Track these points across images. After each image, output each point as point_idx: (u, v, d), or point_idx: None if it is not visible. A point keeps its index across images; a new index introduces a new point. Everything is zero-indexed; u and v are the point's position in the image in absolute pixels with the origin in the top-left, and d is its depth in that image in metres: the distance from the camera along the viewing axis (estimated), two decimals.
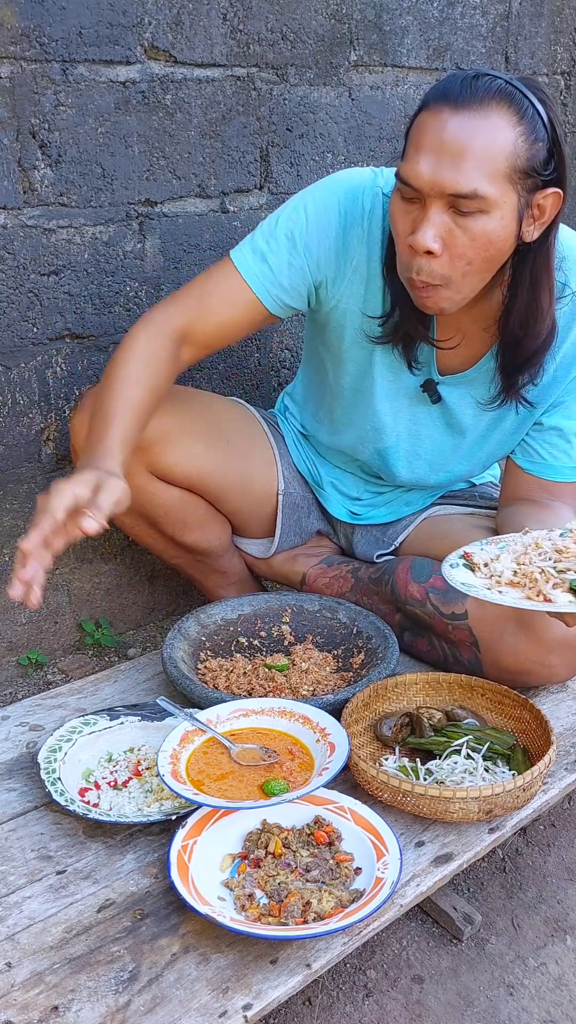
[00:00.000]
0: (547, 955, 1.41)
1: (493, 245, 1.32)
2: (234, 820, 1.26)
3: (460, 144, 1.25)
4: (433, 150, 1.27)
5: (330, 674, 1.62)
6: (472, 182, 1.26)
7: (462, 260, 1.32)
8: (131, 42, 1.66)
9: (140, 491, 1.63)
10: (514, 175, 1.28)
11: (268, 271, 1.52)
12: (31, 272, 1.65)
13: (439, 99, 1.28)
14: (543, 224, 1.34)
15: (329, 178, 1.53)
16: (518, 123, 1.26)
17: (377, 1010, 1.30)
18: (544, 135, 1.29)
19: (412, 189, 1.30)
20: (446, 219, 1.30)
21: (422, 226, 1.30)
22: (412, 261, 1.34)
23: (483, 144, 1.25)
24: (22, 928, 1.16)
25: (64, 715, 1.56)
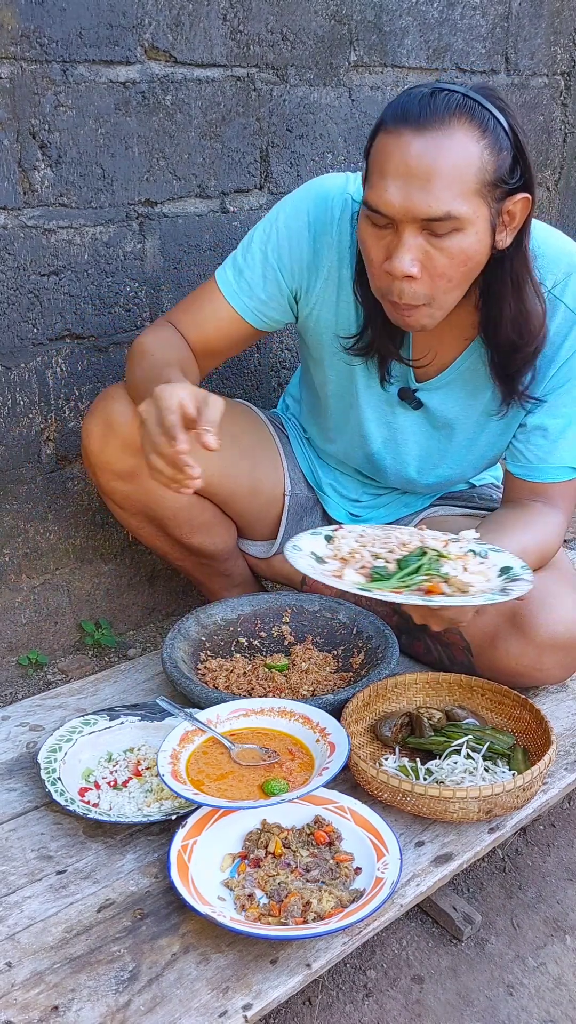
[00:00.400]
0: (547, 955, 1.41)
1: (471, 260, 1.32)
2: (234, 820, 1.26)
3: (427, 167, 1.23)
4: (400, 175, 1.25)
5: (330, 674, 1.62)
6: (444, 204, 1.25)
7: (443, 279, 1.32)
8: (131, 42, 1.66)
9: (149, 493, 1.63)
10: (484, 189, 1.27)
11: (246, 286, 1.54)
12: (31, 273, 1.66)
13: (398, 120, 1.25)
14: (515, 229, 1.34)
15: (303, 186, 1.54)
16: (481, 136, 1.25)
17: (377, 1010, 1.30)
18: (507, 143, 1.28)
19: (383, 216, 1.28)
20: (421, 241, 1.29)
21: (398, 252, 1.29)
22: (392, 286, 1.33)
23: (451, 164, 1.24)
24: (22, 928, 1.16)
25: (64, 715, 1.56)
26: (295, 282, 1.54)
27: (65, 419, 1.79)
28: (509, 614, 1.50)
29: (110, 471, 1.59)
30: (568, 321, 1.45)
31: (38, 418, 1.75)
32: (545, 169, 2.63)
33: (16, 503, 1.77)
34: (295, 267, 1.52)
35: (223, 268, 1.57)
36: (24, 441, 1.74)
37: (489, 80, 2.35)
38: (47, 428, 1.77)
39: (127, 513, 1.69)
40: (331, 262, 1.50)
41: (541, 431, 1.52)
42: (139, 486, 1.62)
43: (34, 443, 1.76)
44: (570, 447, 1.52)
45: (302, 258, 1.51)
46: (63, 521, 1.86)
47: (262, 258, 1.52)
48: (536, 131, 2.55)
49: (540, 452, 1.53)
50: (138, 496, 1.64)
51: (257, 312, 1.56)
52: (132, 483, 1.61)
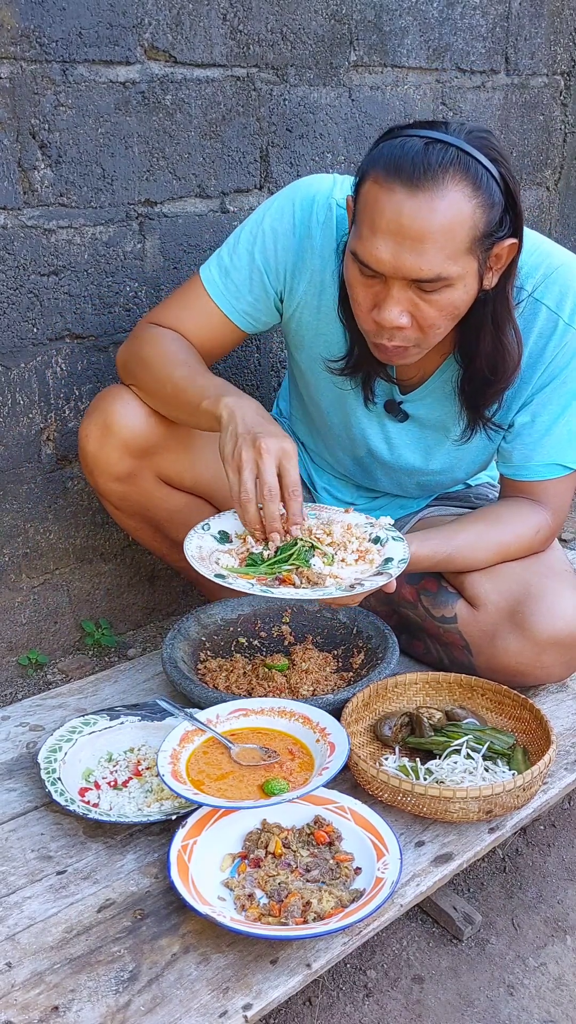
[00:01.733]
0: (547, 955, 1.41)
1: (459, 309, 1.32)
2: (234, 820, 1.26)
3: (420, 229, 1.22)
4: (391, 234, 1.24)
5: (330, 674, 1.62)
6: (435, 267, 1.24)
7: (432, 328, 1.32)
8: (131, 42, 1.66)
9: (147, 494, 1.64)
10: (474, 245, 1.26)
11: (234, 288, 1.53)
12: (31, 272, 1.65)
13: (391, 175, 1.23)
14: (500, 270, 1.34)
15: (289, 187, 1.54)
16: (475, 194, 1.23)
17: (377, 1010, 1.30)
18: (499, 195, 1.26)
19: (372, 270, 1.28)
20: (410, 295, 1.28)
21: (387, 304, 1.29)
22: (381, 332, 1.33)
23: (443, 227, 1.22)
24: (22, 928, 1.16)
25: (64, 715, 1.56)
26: (280, 284, 1.53)
27: (65, 419, 1.79)
28: (508, 612, 1.50)
29: (108, 473, 1.59)
30: (551, 322, 1.45)
31: (38, 418, 1.75)
32: (545, 169, 2.63)
33: (16, 503, 1.77)
34: (280, 269, 1.52)
35: (208, 269, 1.55)
36: (24, 441, 1.74)
37: (489, 80, 2.35)
38: (47, 428, 1.77)
39: (125, 515, 1.69)
40: (314, 266, 1.50)
41: (527, 430, 1.52)
42: (136, 488, 1.62)
43: (34, 443, 1.76)
44: (555, 445, 1.51)
45: (287, 260, 1.51)
46: (63, 521, 1.86)
47: (249, 259, 1.52)
48: (536, 131, 2.55)
49: (526, 451, 1.53)
50: (135, 498, 1.64)
51: (245, 314, 1.55)
52: (129, 485, 1.61)
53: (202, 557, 1.37)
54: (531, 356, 1.47)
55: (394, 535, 1.43)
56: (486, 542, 1.52)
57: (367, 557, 1.39)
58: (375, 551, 1.40)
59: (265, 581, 1.32)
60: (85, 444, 1.58)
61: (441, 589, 1.60)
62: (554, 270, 1.44)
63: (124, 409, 1.54)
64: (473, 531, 1.53)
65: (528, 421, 1.51)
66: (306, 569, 1.33)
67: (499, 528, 1.54)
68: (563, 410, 1.49)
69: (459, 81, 2.28)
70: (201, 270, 1.56)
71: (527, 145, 2.54)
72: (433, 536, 1.52)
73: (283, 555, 1.35)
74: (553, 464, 1.53)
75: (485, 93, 2.36)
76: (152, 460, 1.60)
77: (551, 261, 1.45)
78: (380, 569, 1.35)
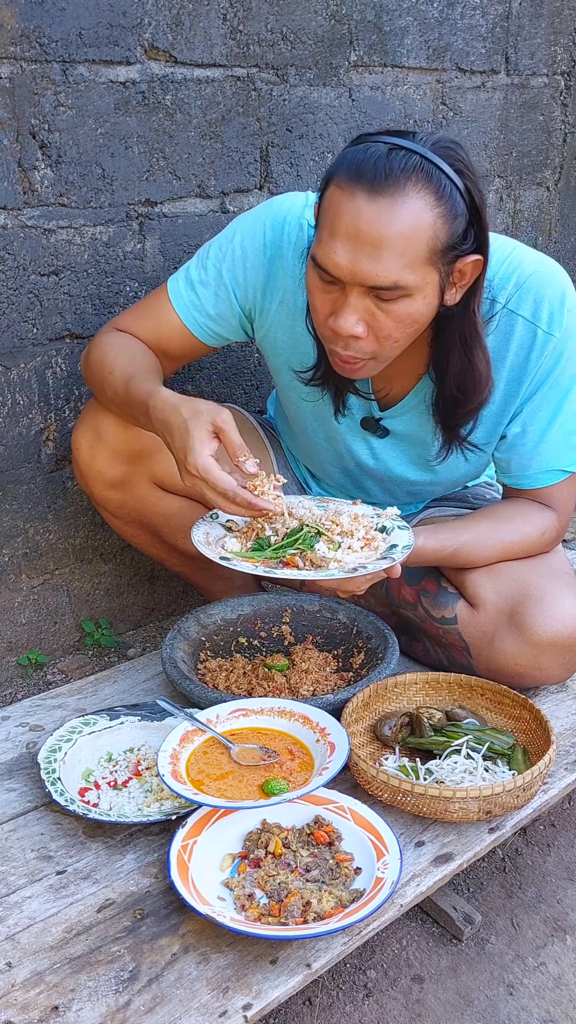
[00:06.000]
0: (547, 955, 1.41)
1: (417, 322, 1.30)
2: (234, 820, 1.26)
3: (378, 235, 1.20)
4: (349, 239, 1.22)
5: (330, 674, 1.62)
6: (392, 274, 1.23)
7: (388, 340, 1.30)
8: (131, 42, 1.66)
9: (142, 500, 1.64)
10: (434, 256, 1.24)
11: (197, 301, 1.53)
12: (31, 272, 1.66)
13: (353, 179, 1.21)
14: (464, 287, 1.32)
15: (262, 205, 1.53)
16: (436, 203, 1.22)
17: (377, 1010, 1.30)
18: (463, 208, 1.25)
19: (330, 275, 1.27)
20: (368, 303, 1.27)
21: (343, 311, 1.27)
22: (336, 339, 1.32)
23: (402, 233, 1.20)
24: (22, 928, 1.16)
25: (64, 715, 1.56)
26: (248, 303, 1.52)
27: (65, 419, 1.79)
28: (507, 614, 1.50)
29: (101, 481, 1.59)
30: (529, 333, 1.43)
31: (38, 418, 1.75)
32: (545, 169, 2.63)
33: (16, 503, 1.77)
34: (249, 288, 1.51)
35: (176, 279, 1.55)
36: (24, 441, 1.74)
37: (489, 80, 2.35)
38: (47, 428, 1.77)
39: (122, 522, 1.69)
40: (287, 286, 1.49)
41: (520, 440, 1.51)
42: (131, 494, 1.62)
43: (34, 443, 1.76)
44: (551, 451, 1.51)
45: (256, 280, 1.50)
46: (63, 521, 1.86)
47: (216, 275, 1.51)
48: (536, 131, 2.55)
49: (523, 460, 1.53)
50: (131, 504, 1.64)
51: (206, 328, 1.55)
52: (124, 491, 1.61)
53: (208, 543, 1.39)
54: (513, 369, 1.45)
55: (400, 524, 1.44)
56: (492, 539, 1.52)
57: (372, 544, 1.39)
58: (380, 539, 1.41)
59: (269, 564, 1.33)
60: (77, 453, 1.58)
61: (441, 590, 1.60)
62: (526, 279, 1.41)
63: (113, 417, 1.55)
64: (480, 528, 1.53)
65: (520, 431, 1.50)
66: (310, 553, 1.34)
67: (505, 526, 1.54)
68: (554, 416, 1.48)
69: (459, 81, 2.28)
70: (169, 281, 1.56)
71: (527, 145, 2.54)
72: (441, 530, 1.52)
73: (289, 540, 1.36)
74: (552, 471, 1.52)
75: (485, 93, 2.36)
76: (145, 465, 1.60)
77: (522, 270, 1.42)
78: (384, 555, 1.36)
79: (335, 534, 1.39)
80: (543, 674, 1.54)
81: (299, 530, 1.37)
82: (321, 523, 1.40)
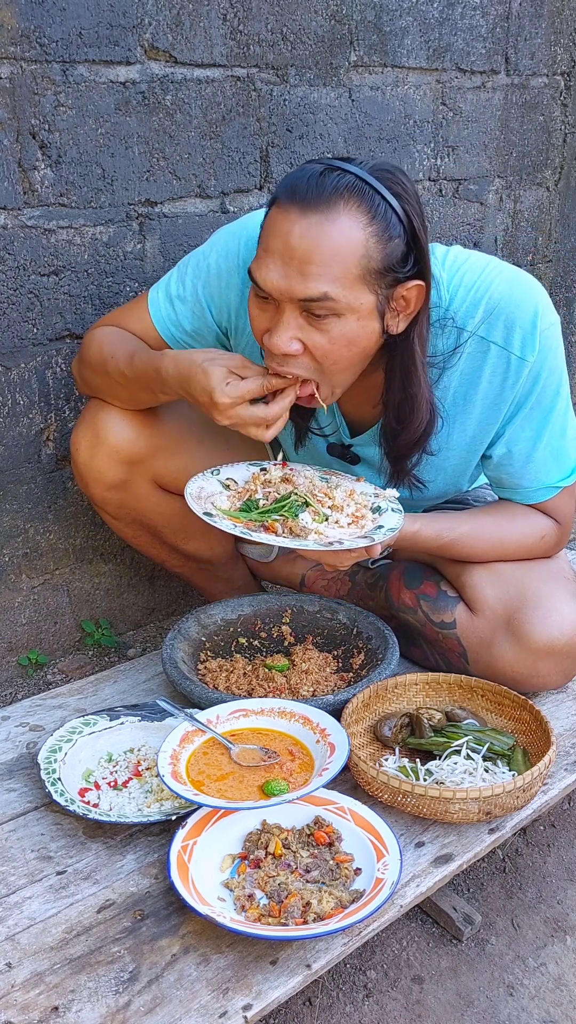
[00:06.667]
0: (547, 955, 1.41)
1: (355, 344, 1.29)
2: (234, 821, 1.26)
3: (306, 250, 1.21)
4: (280, 255, 1.23)
5: (330, 675, 1.62)
6: (320, 287, 1.23)
7: (326, 359, 1.30)
8: (131, 43, 1.66)
9: (141, 501, 1.63)
10: (368, 276, 1.24)
11: (175, 317, 1.53)
12: (31, 272, 1.65)
13: (288, 197, 1.23)
14: (409, 315, 1.31)
15: (238, 221, 1.53)
16: (369, 223, 1.22)
17: (377, 1010, 1.30)
18: (400, 231, 1.24)
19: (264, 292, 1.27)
20: (301, 321, 1.27)
21: (277, 329, 1.28)
22: (272, 357, 1.32)
23: (331, 249, 1.21)
24: (22, 928, 1.16)
25: (64, 715, 1.56)
26: (224, 321, 1.53)
27: (65, 419, 1.79)
28: (505, 619, 1.50)
29: (101, 482, 1.59)
30: (502, 359, 1.41)
31: (38, 418, 1.75)
32: (545, 169, 2.63)
33: (16, 503, 1.77)
34: (223, 307, 1.51)
35: (156, 291, 1.55)
36: (24, 441, 1.74)
37: (489, 80, 2.35)
38: (47, 428, 1.77)
39: (121, 523, 1.69)
40: None
41: (507, 461, 1.50)
42: (131, 495, 1.62)
43: (34, 443, 1.76)
44: (540, 469, 1.50)
45: (231, 299, 1.50)
46: (63, 521, 1.86)
47: (192, 293, 1.52)
48: (536, 131, 2.55)
49: (514, 480, 1.52)
50: (131, 505, 1.64)
51: (184, 343, 1.55)
52: (123, 492, 1.61)
53: (200, 497, 1.39)
54: (488, 396, 1.44)
55: (394, 507, 1.43)
56: (490, 535, 1.52)
57: (360, 522, 1.39)
58: (370, 518, 1.40)
59: (251, 527, 1.34)
60: (76, 454, 1.58)
61: (441, 594, 1.60)
62: (495, 304, 1.39)
63: (112, 417, 1.54)
64: (480, 522, 1.53)
65: (506, 452, 1.49)
66: (292, 521, 1.34)
67: (507, 524, 1.53)
68: (538, 435, 1.47)
69: (459, 81, 2.28)
70: (150, 292, 1.56)
71: (527, 145, 2.54)
72: (441, 519, 1.52)
73: (275, 506, 1.37)
74: (544, 488, 1.52)
75: (485, 93, 2.36)
76: (144, 466, 1.60)
77: (491, 295, 1.39)
78: (367, 534, 1.36)
79: (325, 507, 1.39)
80: (540, 680, 1.53)
81: (287, 497, 1.38)
82: (313, 494, 1.40)
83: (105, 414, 1.55)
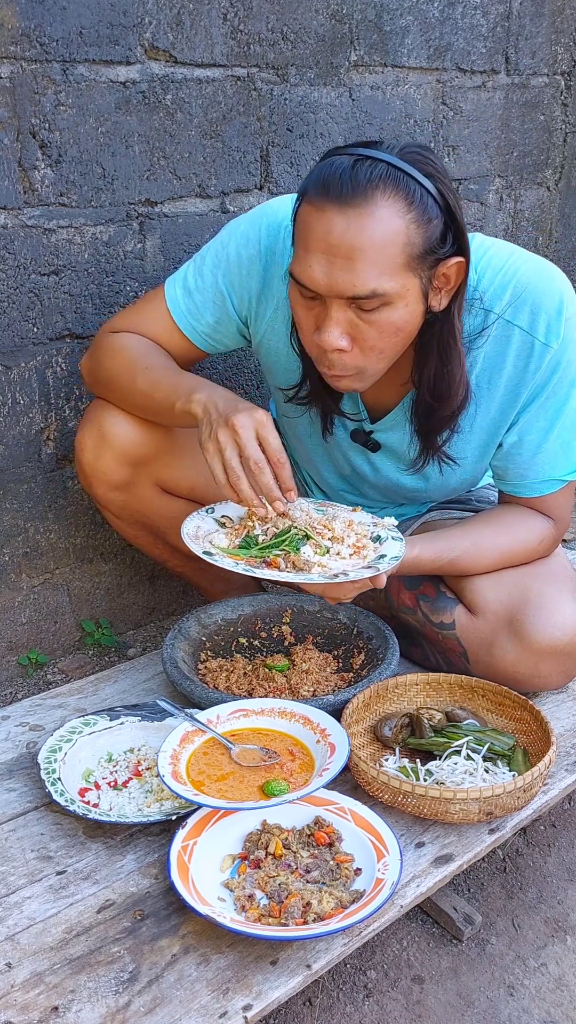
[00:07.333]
0: (547, 955, 1.41)
1: (402, 330, 1.29)
2: (234, 821, 1.26)
3: (350, 246, 1.20)
4: (323, 253, 1.22)
5: (330, 675, 1.62)
6: (369, 283, 1.22)
7: (373, 351, 1.30)
8: (131, 42, 1.66)
9: (145, 502, 1.63)
10: (412, 262, 1.24)
11: (195, 309, 1.52)
12: (31, 272, 1.65)
13: (321, 194, 1.21)
14: (450, 291, 1.31)
15: (256, 210, 1.52)
16: (408, 210, 1.21)
17: (377, 1010, 1.30)
18: (437, 212, 1.24)
19: (310, 291, 1.27)
20: (350, 315, 1.26)
21: (326, 325, 1.27)
22: (322, 356, 1.32)
23: (374, 243, 1.20)
24: (22, 928, 1.16)
25: (64, 715, 1.56)
26: (245, 309, 1.52)
27: (65, 419, 1.79)
28: (507, 619, 1.50)
29: (105, 482, 1.59)
30: (526, 343, 1.41)
31: (38, 417, 1.75)
32: (545, 169, 2.63)
33: (16, 502, 1.77)
34: (244, 295, 1.51)
35: (172, 285, 1.54)
36: (24, 440, 1.74)
37: (490, 80, 2.35)
38: (47, 427, 1.77)
39: (124, 523, 1.69)
40: (281, 292, 1.48)
41: (517, 450, 1.50)
42: (134, 496, 1.62)
43: (34, 442, 1.76)
44: (548, 461, 1.50)
45: (252, 286, 1.50)
46: (63, 520, 1.86)
47: (212, 283, 1.51)
48: (536, 131, 2.55)
49: (520, 470, 1.52)
50: (134, 506, 1.64)
51: (205, 336, 1.54)
52: (127, 493, 1.61)
53: (197, 536, 1.39)
54: (511, 379, 1.44)
55: (394, 535, 1.43)
56: (490, 547, 1.52)
57: (362, 552, 1.39)
58: (371, 548, 1.40)
59: (253, 563, 1.33)
60: (81, 455, 1.58)
61: (440, 595, 1.59)
62: (523, 289, 1.40)
63: (118, 418, 1.54)
64: (479, 535, 1.52)
65: (517, 440, 1.49)
66: (294, 555, 1.34)
67: (504, 534, 1.53)
68: (551, 426, 1.47)
69: (460, 81, 2.27)
70: (166, 285, 1.55)
71: (528, 145, 2.54)
72: (439, 539, 1.51)
73: (276, 540, 1.36)
74: (548, 480, 1.51)
75: (486, 93, 2.36)
76: (149, 468, 1.59)
77: (518, 280, 1.40)
78: (370, 564, 1.35)
79: (325, 539, 1.39)
80: (542, 681, 1.53)
81: (287, 531, 1.37)
82: (312, 527, 1.40)
83: (111, 414, 1.55)
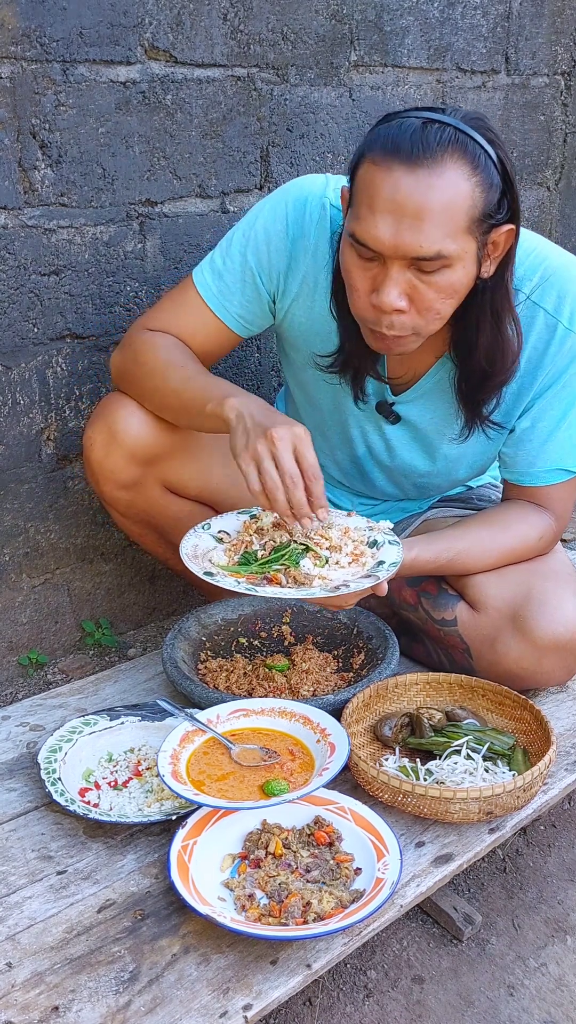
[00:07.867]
0: (548, 955, 1.41)
1: (458, 292, 1.31)
2: (234, 820, 1.26)
3: (418, 206, 1.21)
4: (391, 212, 1.23)
5: (330, 674, 1.62)
6: (435, 244, 1.23)
7: (430, 312, 1.30)
8: (132, 42, 1.66)
9: (152, 503, 1.63)
10: (472, 225, 1.25)
11: (227, 290, 1.53)
12: (32, 272, 1.65)
13: (388, 153, 1.22)
14: (497, 258, 1.33)
15: (282, 188, 1.53)
16: (473, 173, 1.23)
17: (378, 1010, 1.30)
18: (497, 178, 1.26)
19: (371, 251, 1.27)
20: (409, 276, 1.27)
21: (386, 286, 1.27)
22: (379, 318, 1.32)
23: (442, 203, 1.21)
24: (23, 928, 1.16)
25: (64, 715, 1.56)
26: (273, 285, 1.53)
27: (66, 419, 1.79)
28: (509, 616, 1.50)
29: (113, 481, 1.58)
30: (549, 326, 1.44)
31: (39, 417, 1.75)
32: (545, 169, 2.63)
33: (17, 502, 1.77)
34: (274, 271, 1.51)
35: (201, 272, 1.54)
36: (25, 440, 1.74)
37: (490, 80, 2.35)
38: (48, 428, 1.77)
39: (130, 521, 1.69)
40: (307, 266, 1.49)
41: (528, 436, 1.51)
42: (142, 495, 1.62)
43: (35, 442, 1.76)
44: (558, 449, 1.51)
45: (281, 262, 1.50)
46: (64, 520, 1.86)
47: (241, 261, 1.51)
48: (536, 131, 2.55)
49: (529, 456, 1.52)
50: (141, 505, 1.63)
51: (238, 317, 1.54)
52: (135, 492, 1.61)
53: (196, 555, 1.38)
54: (530, 361, 1.46)
55: (391, 539, 1.43)
56: (490, 546, 1.52)
57: (360, 560, 1.39)
58: (369, 554, 1.40)
59: (254, 580, 1.33)
60: (90, 452, 1.57)
61: (441, 592, 1.60)
62: (552, 273, 1.43)
63: (129, 416, 1.54)
64: (477, 535, 1.53)
65: (529, 426, 1.50)
66: (294, 569, 1.33)
67: (503, 532, 1.53)
68: (564, 414, 1.48)
69: (460, 81, 2.27)
70: (194, 272, 1.55)
71: (528, 145, 2.54)
72: (437, 540, 1.51)
73: (275, 555, 1.36)
74: (556, 469, 1.52)
75: (486, 93, 2.36)
76: (158, 468, 1.59)
77: (548, 263, 1.43)
78: (370, 572, 1.35)
79: (323, 549, 1.38)
80: (544, 676, 1.53)
81: (286, 546, 1.37)
82: (309, 537, 1.39)
83: (122, 413, 1.54)
